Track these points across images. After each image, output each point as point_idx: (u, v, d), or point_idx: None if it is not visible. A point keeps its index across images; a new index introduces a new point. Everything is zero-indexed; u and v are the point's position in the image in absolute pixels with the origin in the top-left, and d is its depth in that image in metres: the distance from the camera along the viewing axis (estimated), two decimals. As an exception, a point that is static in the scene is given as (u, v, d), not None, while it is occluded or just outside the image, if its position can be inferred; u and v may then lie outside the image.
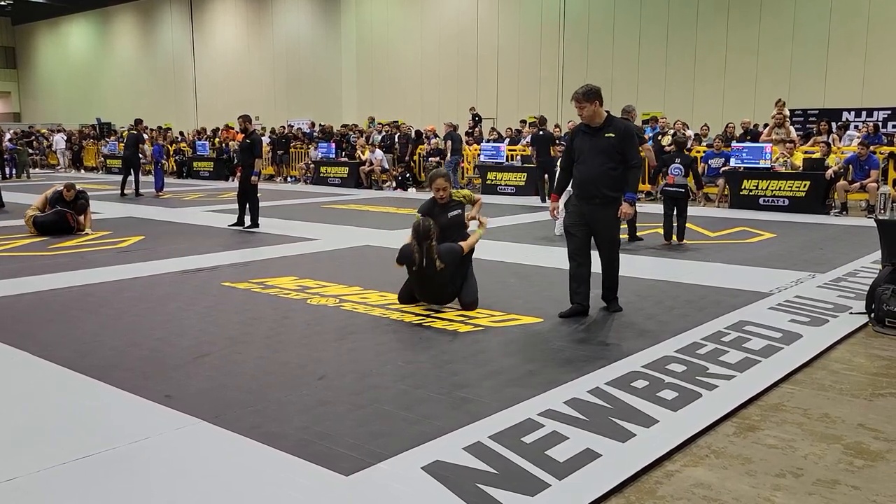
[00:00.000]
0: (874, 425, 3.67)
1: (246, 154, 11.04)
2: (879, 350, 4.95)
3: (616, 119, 5.72)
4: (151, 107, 35.55)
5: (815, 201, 12.61)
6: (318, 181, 19.99)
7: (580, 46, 24.32)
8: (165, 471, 3.14)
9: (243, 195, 11.11)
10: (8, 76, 47.04)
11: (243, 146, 11.13)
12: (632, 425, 3.56)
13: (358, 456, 3.23)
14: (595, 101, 5.45)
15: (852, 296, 6.31)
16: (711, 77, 21.92)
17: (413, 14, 28.33)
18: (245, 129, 11.14)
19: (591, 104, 5.45)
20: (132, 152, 16.72)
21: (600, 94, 5.51)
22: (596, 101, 5.46)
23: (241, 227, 11.10)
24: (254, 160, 10.95)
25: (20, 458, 3.25)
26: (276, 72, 32.62)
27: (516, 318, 5.65)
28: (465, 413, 3.71)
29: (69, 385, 4.21)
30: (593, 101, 5.45)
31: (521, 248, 8.97)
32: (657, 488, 3.03)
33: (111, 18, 40.23)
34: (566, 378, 4.23)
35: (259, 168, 11.12)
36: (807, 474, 3.15)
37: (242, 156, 11.16)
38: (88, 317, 5.75)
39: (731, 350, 4.78)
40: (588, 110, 5.47)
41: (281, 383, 4.21)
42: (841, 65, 19.92)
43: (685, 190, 9.45)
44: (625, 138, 5.53)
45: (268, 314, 5.78)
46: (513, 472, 3.08)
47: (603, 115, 5.55)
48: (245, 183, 11.05)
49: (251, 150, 10.94)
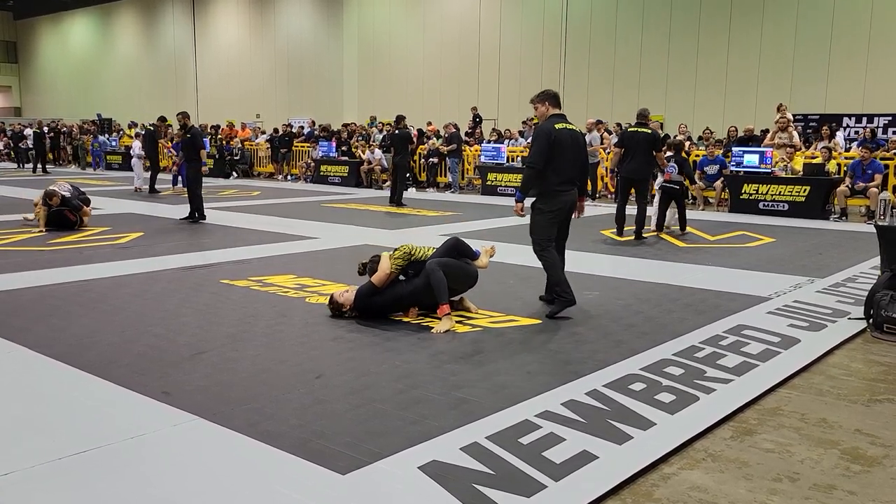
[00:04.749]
0: (871, 431, 3.67)
1: (188, 148, 11.56)
2: (877, 356, 4.95)
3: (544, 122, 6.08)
4: (152, 103, 35.52)
5: (815, 206, 12.61)
6: (319, 180, 20.00)
7: (582, 50, 24.33)
8: (162, 467, 3.14)
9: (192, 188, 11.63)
10: (9, 71, 47.02)
11: (185, 141, 11.69)
12: (629, 428, 3.56)
13: (355, 455, 3.23)
14: (545, 102, 6.08)
15: (851, 301, 6.31)
16: (712, 82, 21.93)
17: (415, 14, 28.33)
18: (184, 124, 11.82)
19: (542, 105, 6.09)
20: (150, 148, 16.96)
21: (553, 97, 6.11)
22: (546, 102, 6.08)
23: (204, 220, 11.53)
24: (198, 153, 11.54)
25: (16, 453, 3.25)
26: (278, 70, 32.61)
27: (515, 319, 5.65)
28: (462, 413, 3.71)
29: (66, 380, 4.21)
30: (543, 102, 6.09)
31: (522, 250, 8.95)
32: (653, 491, 3.03)
33: (113, 14, 40.23)
34: (564, 380, 4.23)
35: (204, 159, 11.77)
36: (803, 479, 3.15)
37: (185, 150, 11.69)
38: (86, 312, 5.74)
39: (729, 354, 4.78)
40: (539, 111, 6.12)
41: (278, 381, 4.20)
42: (842, 70, 19.94)
43: (680, 186, 10.68)
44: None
45: (266, 312, 5.78)
46: (509, 473, 3.08)
47: (544, 114, 6.08)
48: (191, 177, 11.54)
49: (192, 143, 11.54)
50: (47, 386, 4.13)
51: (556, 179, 5.81)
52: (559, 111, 6.04)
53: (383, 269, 5.57)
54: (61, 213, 10.43)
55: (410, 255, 5.68)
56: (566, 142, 5.82)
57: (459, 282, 5.76)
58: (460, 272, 5.72)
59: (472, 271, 5.85)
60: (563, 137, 5.81)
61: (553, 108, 6.01)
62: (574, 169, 5.94)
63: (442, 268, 5.52)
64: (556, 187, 5.84)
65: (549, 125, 5.84)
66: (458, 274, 5.69)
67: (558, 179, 5.82)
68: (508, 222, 11.78)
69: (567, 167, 5.85)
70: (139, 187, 17.05)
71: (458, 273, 5.69)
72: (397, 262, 5.62)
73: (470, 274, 5.84)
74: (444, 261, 5.61)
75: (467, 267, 5.81)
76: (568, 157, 5.83)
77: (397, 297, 5.64)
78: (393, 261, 5.61)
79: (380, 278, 5.56)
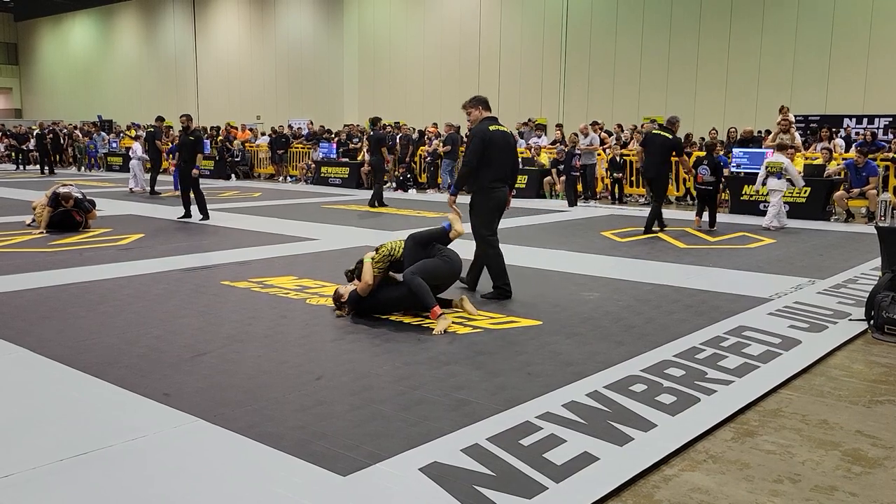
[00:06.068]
0: (872, 432, 3.67)
1: (188, 149, 11.76)
2: (878, 357, 4.95)
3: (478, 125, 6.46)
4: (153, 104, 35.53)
5: (816, 207, 12.60)
6: (319, 181, 20.00)
7: (582, 51, 24.33)
8: (162, 469, 3.14)
9: (187, 189, 11.88)
10: (10, 72, 47.07)
11: (186, 142, 11.85)
12: (630, 429, 3.55)
13: (355, 456, 3.23)
14: (479, 107, 6.48)
15: (852, 302, 6.31)
16: (713, 83, 21.92)
17: (415, 15, 28.35)
18: (186, 126, 11.97)
19: (475, 109, 6.46)
20: (151, 149, 17.03)
21: (484, 101, 6.54)
22: (479, 106, 6.48)
23: (189, 219, 11.79)
24: (195, 155, 11.74)
25: (17, 455, 3.25)
26: (278, 71, 32.64)
27: (515, 320, 5.65)
28: (462, 415, 3.71)
29: (67, 382, 4.21)
30: (477, 106, 6.48)
31: (522, 251, 8.95)
32: (654, 492, 3.03)
33: (114, 15, 40.27)
34: (564, 381, 4.22)
35: (200, 163, 11.94)
36: (804, 480, 3.14)
37: (185, 151, 11.86)
38: (87, 314, 5.74)
39: (730, 355, 4.77)
40: (473, 115, 6.48)
41: (279, 383, 4.20)
42: (842, 72, 19.93)
43: (713, 186, 11.31)
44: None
45: (266, 313, 5.78)
46: (510, 475, 3.07)
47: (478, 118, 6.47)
48: (187, 178, 11.77)
49: (194, 146, 11.79)
50: (48, 387, 4.13)
51: (490, 177, 6.33)
52: (491, 114, 6.52)
53: (365, 280, 5.60)
54: (68, 214, 10.43)
55: (391, 255, 5.74)
56: (499, 142, 6.34)
57: (443, 277, 5.79)
58: (438, 270, 5.72)
59: (453, 264, 5.83)
60: (496, 138, 6.32)
61: (485, 112, 6.48)
62: (506, 167, 6.44)
63: (419, 273, 5.54)
64: (490, 184, 6.36)
65: (484, 127, 6.34)
66: (437, 272, 5.71)
67: (492, 177, 6.34)
68: (509, 223, 11.77)
69: (500, 166, 6.36)
70: (133, 188, 17.06)
71: (436, 271, 5.70)
72: (379, 266, 5.67)
73: (452, 267, 5.83)
74: (419, 265, 5.62)
75: (444, 262, 5.78)
76: (501, 156, 6.34)
77: (388, 301, 5.70)
78: (375, 265, 5.64)
79: (362, 288, 5.62)
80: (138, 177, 17.28)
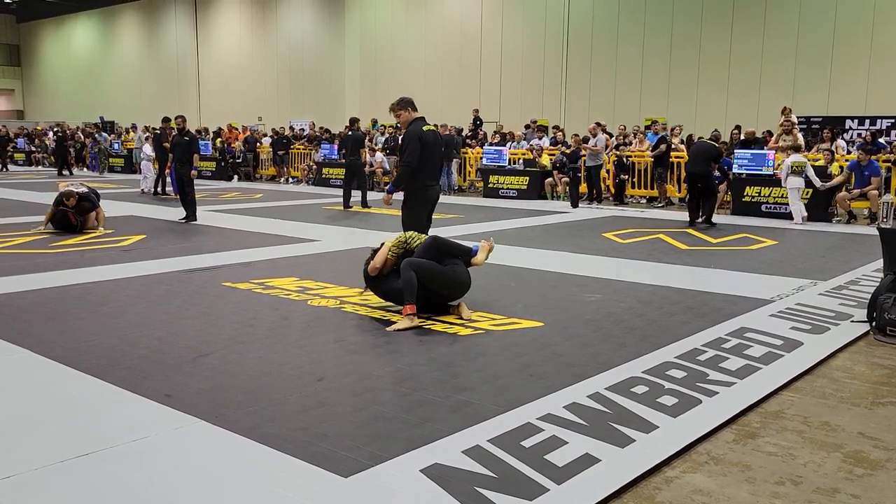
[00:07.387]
0: (874, 434, 3.66)
1: (183, 150, 11.99)
2: (880, 359, 4.94)
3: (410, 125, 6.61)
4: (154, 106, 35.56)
5: (817, 209, 12.59)
6: (320, 182, 20.00)
7: (584, 53, 24.33)
8: (164, 470, 3.14)
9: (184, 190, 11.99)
10: (12, 74, 47.15)
11: (180, 143, 12.04)
12: (631, 431, 3.55)
13: (357, 458, 3.23)
14: (407, 108, 6.61)
15: (854, 304, 6.30)
16: (714, 84, 21.91)
17: (417, 17, 28.36)
18: (182, 128, 12.15)
19: (404, 111, 6.60)
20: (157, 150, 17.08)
21: (411, 102, 6.66)
22: (408, 107, 6.62)
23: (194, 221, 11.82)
24: (191, 155, 11.96)
25: (18, 455, 3.25)
26: (280, 72, 32.66)
27: (517, 321, 5.64)
28: (464, 416, 3.71)
29: (68, 383, 4.21)
30: (405, 108, 6.61)
31: (522, 252, 8.96)
32: (656, 494, 3.02)
33: (115, 17, 40.32)
34: (566, 382, 4.22)
35: (196, 163, 12.15)
36: (806, 482, 3.14)
37: (180, 152, 12.06)
38: (88, 315, 5.75)
39: (731, 357, 4.77)
40: (403, 116, 6.61)
41: (280, 384, 4.20)
42: (844, 73, 19.93)
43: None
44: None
45: (268, 315, 5.78)
46: (511, 476, 3.07)
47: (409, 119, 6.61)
48: (182, 178, 12.01)
49: (188, 146, 12.00)
50: (49, 388, 4.13)
51: (425, 176, 6.55)
52: (419, 114, 6.66)
53: (376, 261, 5.78)
54: (64, 214, 10.44)
55: (407, 243, 5.82)
56: (431, 142, 6.53)
57: (444, 286, 5.69)
58: (440, 277, 5.61)
59: (459, 277, 5.73)
60: (428, 138, 6.51)
61: (414, 112, 6.61)
62: (437, 166, 6.71)
63: (414, 268, 5.50)
64: (426, 183, 6.58)
65: (418, 128, 6.46)
66: (437, 279, 5.59)
67: (426, 176, 6.57)
68: (511, 224, 11.78)
69: (432, 165, 6.60)
70: (145, 189, 17.09)
71: (436, 277, 5.58)
72: (392, 251, 5.77)
73: (458, 279, 5.72)
74: (418, 261, 5.57)
75: (450, 272, 5.67)
76: (433, 155, 6.55)
77: (390, 290, 5.79)
78: (389, 250, 5.77)
79: (372, 268, 5.81)
80: (148, 178, 17.34)
